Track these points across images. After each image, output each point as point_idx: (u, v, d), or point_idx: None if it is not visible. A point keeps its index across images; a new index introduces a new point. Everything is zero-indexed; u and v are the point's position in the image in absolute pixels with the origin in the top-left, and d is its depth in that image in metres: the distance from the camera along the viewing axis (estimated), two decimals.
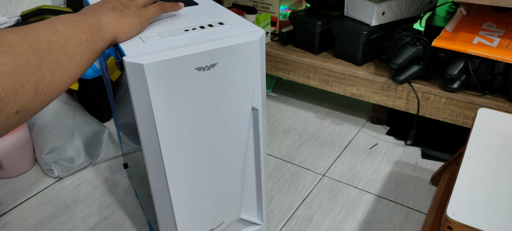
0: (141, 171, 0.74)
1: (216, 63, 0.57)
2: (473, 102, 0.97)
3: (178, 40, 0.56)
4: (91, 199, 0.95)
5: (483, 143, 0.69)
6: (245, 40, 0.58)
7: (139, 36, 0.58)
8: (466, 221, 0.54)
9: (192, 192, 0.65)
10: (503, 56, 0.89)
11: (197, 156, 0.62)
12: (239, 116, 0.63)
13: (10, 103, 0.37)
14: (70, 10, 1.38)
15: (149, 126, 0.56)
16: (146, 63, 0.51)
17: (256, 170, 0.71)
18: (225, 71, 0.58)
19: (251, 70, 0.61)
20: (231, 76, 0.59)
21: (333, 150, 1.11)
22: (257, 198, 0.75)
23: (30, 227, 0.88)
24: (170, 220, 0.66)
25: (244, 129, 0.65)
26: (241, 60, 0.59)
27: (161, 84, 0.54)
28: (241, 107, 0.63)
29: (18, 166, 1.02)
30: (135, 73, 0.52)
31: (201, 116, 0.59)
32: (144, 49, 0.53)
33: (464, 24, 1.04)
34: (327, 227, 0.86)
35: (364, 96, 1.14)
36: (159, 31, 0.59)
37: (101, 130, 1.08)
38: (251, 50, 0.59)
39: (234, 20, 0.63)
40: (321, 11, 1.24)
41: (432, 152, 1.09)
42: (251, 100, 0.63)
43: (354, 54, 1.15)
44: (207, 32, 0.58)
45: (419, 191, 0.95)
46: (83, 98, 1.24)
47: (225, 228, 0.74)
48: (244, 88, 0.61)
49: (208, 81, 0.57)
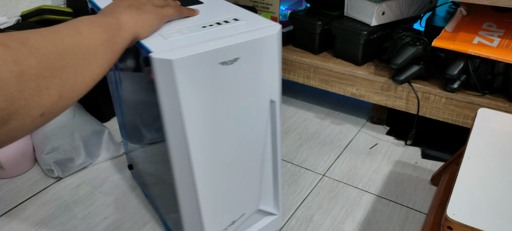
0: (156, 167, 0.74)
1: (238, 58, 0.58)
2: (473, 102, 0.97)
3: (200, 36, 0.57)
4: (91, 199, 0.95)
5: (483, 143, 0.69)
6: (264, 34, 0.60)
7: (158, 33, 0.58)
8: (466, 221, 0.54)
9: (217, 185, 0.66)
10: (503, 56, 0.89)
11: (221, 149, 0.63)
12: (259, 108, 0.65)
13: (35, 106, 0.37)
14: (70, 10, 1.38)
15: (176, 120, 0.57)
16: (175, 59, 0.52)
17: (273, 160, 0.73)
18: (246, 65, 0.60)
19: (270, 64, 0.62)
20: (252, 70, 0.61)
21: (333, 150, 1.10)
22: (273, 188, 0.77)
23: (30, 227, 0.88)
24: (195, 214, 0.66)
25: (263, 120, 0.67)
26: (261, 54, 0.61)
27: (189, 79, 0.55)
28: (260, 100, 0.64)
29: (18, 166, 1.02)
30: (163, 69, 0.53)
31: (224, 110, 0.61)
32: (169, 45, 0.54)
33: (464, 24, 1.04)
34: (327, 227, 0.86)
35: (364, 96, 1.14)
36: (177, 29, 0.60)
37: (101, 130, 1.08)
38: (270, 44, 0.61)
39: (247, 16, 0.65)
40: (321, 11, 1.24)
41: (432, 152, 1.09)
42: (270, 93, 0.65)
43: (354, 54, 1.15)
44: (225, 28, 0.60)
45: (419, 191, 0.95)
46: (83, 98, 1.24)
47: (245, 220, 0.75)
48: (263, 82, 0.63)
49: (230, 75, 0.59)
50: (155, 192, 0.83)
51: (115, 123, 1.26)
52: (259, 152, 0.69)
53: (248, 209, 0.74)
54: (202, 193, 0.64)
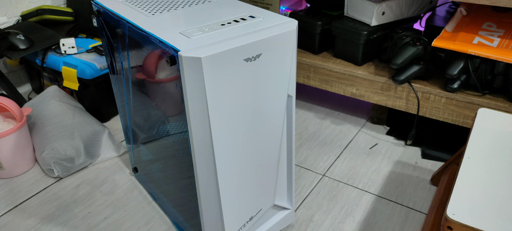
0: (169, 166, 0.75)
1: (260, 54, 0.59)
2: (473, 102, 0.97)
3: (222, 34, 0.58)
4: (91, 199, 0.95)
5: (483, 143, 0.69)
6: (284, 30, 0.61)
7: (180, 32, 0.59)
8: (466, 221, 0.54)
9: (237, 182, 0.67)
10: (503, 56, 0.89)
11: (243, 144, 0.65)
12: (278, 103, 0.66)
13: None
14: (70, 10, 1.38)
15: (202, 117, 0.58)
16: (203, 57, 0.53)
17: (288, 155, 0.74)
18: (267, 61, 0.61)
19: (288, 59, 0.64)
20: (273, 66, 0.62)
21: (333, 150, 1.10)
22: (287, 182, 0.78)
23: (30, 227, 0.88)
24: (215, 211, 0.67)
25: (281, 115, 0.68)
26: (281, 50, 0.62)
27: (215, 76, 0.56)
28: (280, 95, 0.66)
29: (18, 166, 1.02)
30: (192, 67, 0.53)
31: (247, 105, 0.62)
32: (194, 43, 0.55)
33: (464, 24, 1.04)
34: (327, 227, 0.86)
35: (364, 96, 1.14)
36: (197, 27, 0.61)
37: (101, 130, 1.08)
38: (288, 40, 0.62)
39: (261, 13, 0.66)
40: (321, 11, 1.24)
41: (432, 152, 1.09)
42: (288, 88, 0.66)
43: (354, 54, 1.15)
44: (245, 25, 0.61)
45: (419, 191, 0.95)
46: (83, 98, 1.24)
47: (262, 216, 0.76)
48: (283, 76, 0.65)
49: (253, 71, 0.60)
50: (166, 190, 0.83)
51: (115, 123, 1.26)
52: (277, 147, 0.70)
53: (265, 205, 0.75)
54: (223, 190, 0.65)
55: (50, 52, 1.24)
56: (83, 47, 1.26)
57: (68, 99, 1.14)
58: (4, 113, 1.06)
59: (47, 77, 1.33)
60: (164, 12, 0.69)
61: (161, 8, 0.71)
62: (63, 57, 1.21)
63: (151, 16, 0.67)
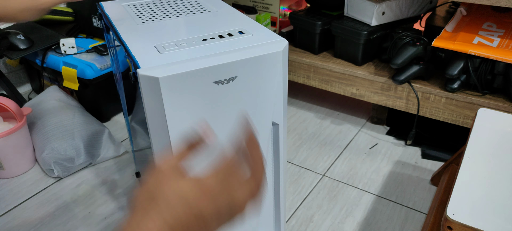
0: None
1: (235, 76, 0.53)
2: (473, 102, 0.97)
3: (196, 51, 0.53)
4: (91, 199, 0.95)
5: (483, 143, 0.69)
6: (267, 51, 0.54)
7: (154, 45, 0.55)
8: (466, 221, 0.54)
9: None
10: (503, 56, 0.89)
11: None
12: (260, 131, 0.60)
13: None
14: (70, 10, 1.38)
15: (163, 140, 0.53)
16: (161, 77, 0.48)
17: (274, 186, 0.68)
18: (245, 84, 0.55)
19: (273, 83, 0.57)
20: (252, 90, 0.56)
21: (333, 150, 1.10)
22: (274, 214, 0.71)
23: (30, 227, 0.88)
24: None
25: (264, 144, 0.62)
26: (263, 73, 0.56)
27: (177, 98, 0.51)
28: (261, 122, 0.59)
29: (18, 166, 1.02)
30: (149, 87, 0.49)
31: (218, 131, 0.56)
32: (160, 60, 0.50)
33: (464, 24, 1.04)
34: (327, 227, 0.86)
35: (364, 96, 1.14)
36: (176, 40, 0.56)
37: (101, 130, 1.08)
38: (273, 62, 0.56)
39: (254, 28, 0.60)
40: (321, 11, 1.24)
41: (432, 152, 1.09)
42: (272, 115, 0.60)
43: (354, 54, 1.15)
44: (226, 42, 0.55)
45: (419, 191, 0.95)
46: (83, 98, 1.24)
47: None
48: (265, 102, 0.58)
49: (227, 95, 0.54)
50: None
51: (115, 123, 1.26)
52: None
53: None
54: None
55: (50, 52, 1.24)
56: (83, 47, 1.26)
57: (68, 99, 1.14)
58: (4, 113, 1.06)
59: (47, 77, 1.33)
60: (156, 21, 0.65)
61: (158, 15, 0.67)
62: (63, 57, 1.21)
63: (141, 24, 0.63)
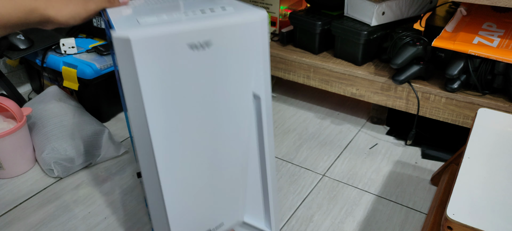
0: None
1: (211, 43, 0.53)
2: (473, 102, 0.97)
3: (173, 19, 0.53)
4: (91, 199, 0.95)
5: (483, 143, 0.69)
6: (243, 21, 0.54)
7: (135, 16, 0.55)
8: (466, 221, 0.54)
9: (187, 186, 0.60)
10: (503, 56, 0.89)
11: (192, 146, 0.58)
12: (239, 103, 0.59)
13: None
14: None
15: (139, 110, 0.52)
16: (133, 38, 0.48)
17: (261, 168, 0.66)
18: (222, 53, 0.55)
19: (252, 54, 0.57)
20: (229, 59, 0.56)
21: (333, 150, 1.10)
22: (263, 201, 0.69)
23: (30, 227, 0.88)
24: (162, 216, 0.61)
25: (245, 118, 0.60)
26: (240, 43, 0.55)
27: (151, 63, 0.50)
28: (240, 93, 0.59)
29: (18, 166, 1.02)
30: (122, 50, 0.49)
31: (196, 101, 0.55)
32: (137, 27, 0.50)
33: (464, 24, 1.04)
34: (327, 227, 0.86)
35: (364, 96, 1.14)
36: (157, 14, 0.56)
37: (101, 130, 1.08)
38: (251, 32, 0.55)
39: (238, 6, 0.59)
40: (321, 11, 1.24)
41: (432, 152, 1.09)
42: (252, 86, 0.59)
43: (354, 54, 1.15)
44: (206, 15, 0.55)
45: (419, 191, 0.95)
46: (83, 98, 1.24)
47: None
48: (244, 73, 0.57)
49: (203, 63, 0.54)
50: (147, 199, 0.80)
51: (115, 122, 1.26)
52: (239, 153, 0.62)
53: (227, 219, 0.67)
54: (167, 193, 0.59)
55: (50, 52, 1.24)
56: (83, 47, 1.26)
57: (68, 99, 1.14)
58: (4, 114, 1.06)
59: (47, 77, 1.33)
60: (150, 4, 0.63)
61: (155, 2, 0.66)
62: (63, 57, 1.21)
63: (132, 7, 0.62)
